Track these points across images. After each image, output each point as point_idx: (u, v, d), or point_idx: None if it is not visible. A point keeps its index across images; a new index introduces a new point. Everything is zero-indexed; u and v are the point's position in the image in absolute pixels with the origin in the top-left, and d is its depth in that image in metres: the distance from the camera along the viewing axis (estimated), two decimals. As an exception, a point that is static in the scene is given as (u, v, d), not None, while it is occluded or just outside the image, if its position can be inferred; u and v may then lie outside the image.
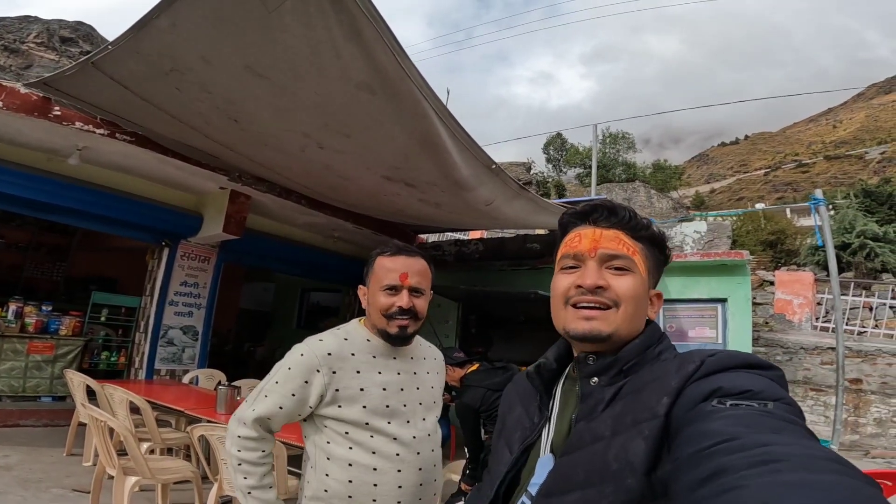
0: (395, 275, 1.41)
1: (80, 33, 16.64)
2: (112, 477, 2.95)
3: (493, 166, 3.71)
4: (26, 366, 5.30)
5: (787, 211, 23.63)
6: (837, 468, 0.44)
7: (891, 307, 8.57)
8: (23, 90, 4.00)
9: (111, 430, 3.00)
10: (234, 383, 4.05)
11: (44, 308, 5.58)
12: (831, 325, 7.47)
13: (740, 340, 5.55)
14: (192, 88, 3.29)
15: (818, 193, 5.31)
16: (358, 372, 1.40)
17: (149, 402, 3.58)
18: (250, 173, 5.15)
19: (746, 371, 0.66)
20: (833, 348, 6.58)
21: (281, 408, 1.37)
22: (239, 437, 1.40)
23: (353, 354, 1.41)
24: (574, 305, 0.79)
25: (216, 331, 8.01)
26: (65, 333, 5.58)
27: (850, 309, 8.74)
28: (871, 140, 60.21)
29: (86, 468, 4.13)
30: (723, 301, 5.57)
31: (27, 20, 16.18)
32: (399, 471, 1.39)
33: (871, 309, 8.71)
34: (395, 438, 1.40)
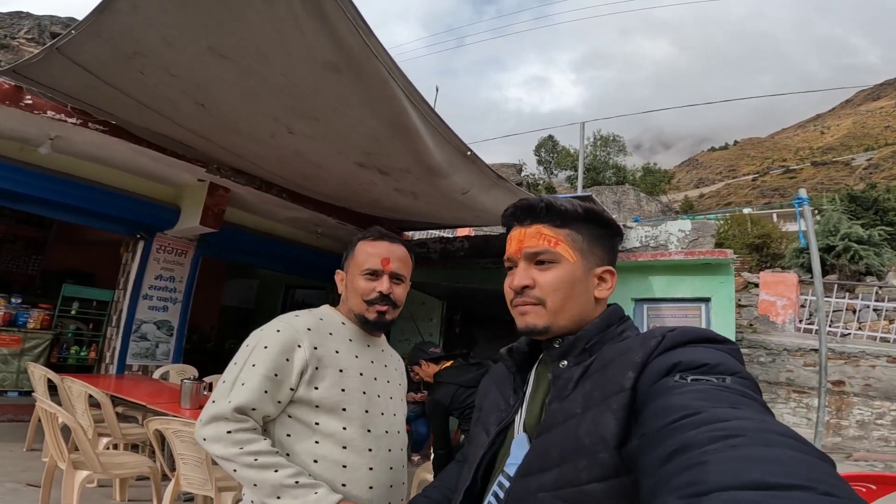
0: (376, 259, 1.36)
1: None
2: (68, 473, 2.85)
3: (469, 153, 3.64)
4: (-8, 359, 5.15)
5: (774, 215, 23.87)
6: (793, 444, 0.45)
7: (874, 309, 8.61)
8: None
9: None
10: (204, 379, 3.93)
11: (13, 300, 5.43)
12: (814, 327, 7.47)
13: (723, 340, 5.51)
14: (157, 72, 3.19)
15: (802, 193, 5.29)
16: (337, 352, 1.29)
17: (113, 396, 3.46)
18: (228, 165, 5.04)
19: (704, 345, 0.68)
20: (816, 350, 6.57)
21: (266, 391, 1.18)
22: (229, 432, 1.15)
23: (330, 334, 1.32)
24: (514, 306, 0.86)
25: (198, 328, 7.87)
26: (33, 327, 5.43)
27: (834, 311, 8.77)
28: (857, 146, 61.10)
29: (45, 463, 4.00)
30: (706, 300, 5.53)
31: (19, 16, 16.11)
32: (371, 468, 1.25)
33: (854, 311, 8.74)
34: (369, 430, 1.27)
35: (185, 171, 5.08)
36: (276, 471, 1.13)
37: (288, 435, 1.22)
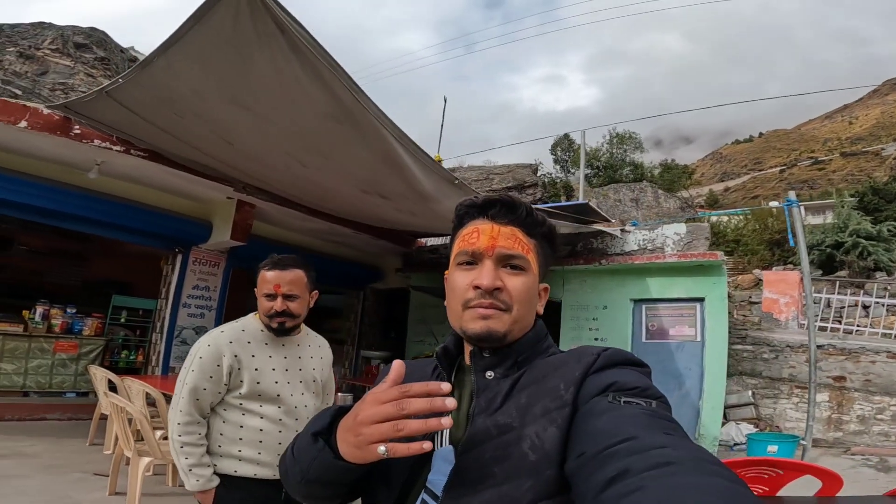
0: (269, 285, 1.82)
1: (94, 39, 16.87)
2: (129, 463, 3.34)
3: (456, 181, 4.12)
4: (52, 364, 5.77)
5: (802, 210, 23.49)
6: (720, 471, 0.50)
7: (886, 306, 8.65)
8: (45, 111, 4.39)
9: (130, 418, 3.41)
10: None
11: (68, 310, 6.05)
12: (817, 323, 7.65)
13: (716, 338, 5.80)
14: (189, 115, 3.75)
15: (791, 195, 5.55)
16: (253, 356, 1.80)
17: (163, 393, 3.98)
18: (252, 185, 5.56)
19: (632, 368, 0.73)
20: (819, 346, 6.78)
21: (205, 389, 1.73)
22: (178, 423, 1.71)
23: (249, 342, 1.82)
24: (472, 307, 0.78)
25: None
26: (88, 334, 6.05)
27: (842, 308, 8.87)
28: (886, 136, 59.19)
29: (106, 455, 4.49)
30: (700, 300, 5.83)
31: (41, 26, 16.23)
32: (280, 431, 1.80)
33: (865, 307, 8.82)
34: (279, 407, 1.80)
35: (215, 190, 5.59)
36: (185, 458, 1.70)
37: (224, 410, 1.79)
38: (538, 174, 25.03)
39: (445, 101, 11.41)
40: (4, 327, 5.56)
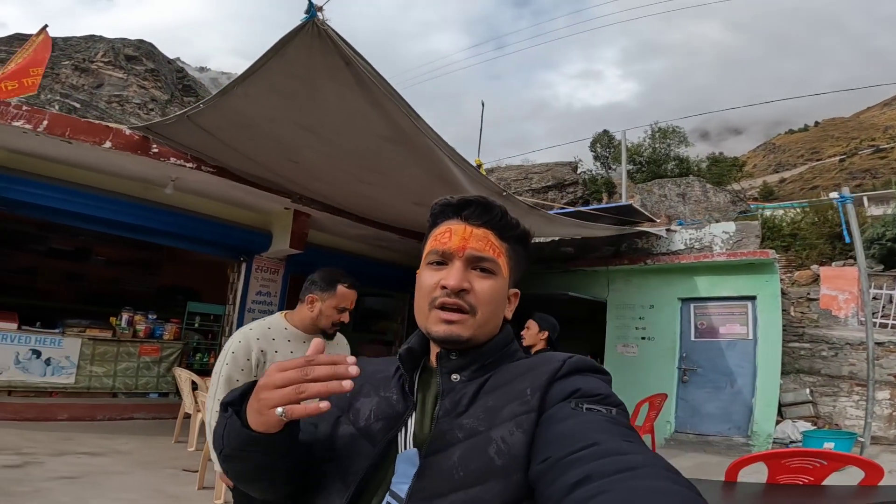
0: (348, 301, 2.08)
1: (143, 51, 17.63)
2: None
3: (504, 193, 4.42)
4: (138, 366, 6.33)
5: (865, 199, 22.37)
6: (675, 478, 0.53)
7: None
8: (127, 132, 4.79)
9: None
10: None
11: (150, 316, 6.61)
12: (878, 320, 7.39)
13: (770, 336, 5.74)
14: (262, 138, 4.15)
15: (845, 191, 5.46)
16: (276, 351, 2.03)
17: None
18: (308, 196, 5.95)
19: (594, 375, 0.76)
20: (880, 343, 6.59)
21: (237, 380, 1.95)
22: (217, 411, 1.97)
23: (273, 339, 2.05)
24: (438, 307, 0.78)
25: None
26: (168, 338, 6.59)
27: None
28: (955, 120, 54.96)
29: (190, 453, 4.89)
30: (752, 298, 5.78)
31: (92, 39, 16.84)
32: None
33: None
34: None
35: (273, 201, 5.97)
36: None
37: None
38: (578, 172, 24.74)
39: (483, 105, 11.56)
40: (95, 332, 6.15)
